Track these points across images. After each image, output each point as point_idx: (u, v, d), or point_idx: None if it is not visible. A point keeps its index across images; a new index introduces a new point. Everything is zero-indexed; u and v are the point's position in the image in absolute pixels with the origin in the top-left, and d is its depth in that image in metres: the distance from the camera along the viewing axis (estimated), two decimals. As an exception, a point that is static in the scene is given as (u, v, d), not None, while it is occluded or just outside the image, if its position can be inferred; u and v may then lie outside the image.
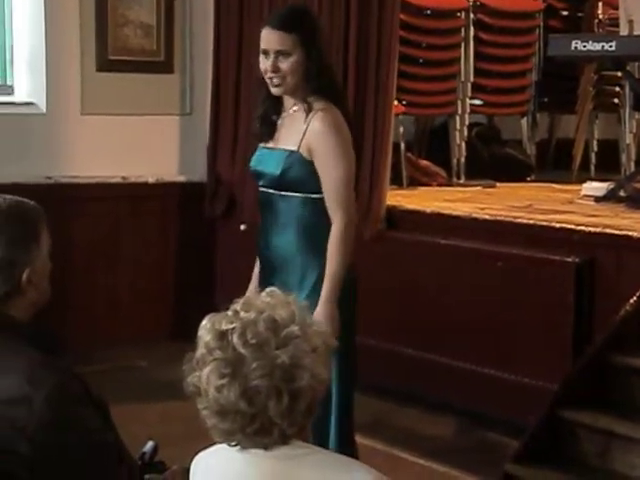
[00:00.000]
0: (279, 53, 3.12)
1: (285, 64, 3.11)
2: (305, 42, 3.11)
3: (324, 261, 3.15)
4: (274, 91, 3.18)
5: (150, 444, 2.19)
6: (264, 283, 3.14)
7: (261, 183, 3.29)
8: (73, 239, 5.53)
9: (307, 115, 3.14)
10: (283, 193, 3.21)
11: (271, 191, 3.23)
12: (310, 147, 3.13)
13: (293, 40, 3.10)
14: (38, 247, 2.05)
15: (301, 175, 3.15)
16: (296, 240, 3.20)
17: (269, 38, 3.14)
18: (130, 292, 5.77)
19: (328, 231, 3.16)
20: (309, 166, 3.15)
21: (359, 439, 4.20)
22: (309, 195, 3.18)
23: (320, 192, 3.17)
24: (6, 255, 2.01)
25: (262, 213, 3.34)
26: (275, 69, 3.12)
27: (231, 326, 1.66)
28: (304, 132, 3.14)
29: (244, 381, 1.63)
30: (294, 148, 3.16)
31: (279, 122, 3.25)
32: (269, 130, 3.26)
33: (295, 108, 3.19)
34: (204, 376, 1.66)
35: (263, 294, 1.74)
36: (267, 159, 3.25)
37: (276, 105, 3.25)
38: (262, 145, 3.31)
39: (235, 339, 1.65)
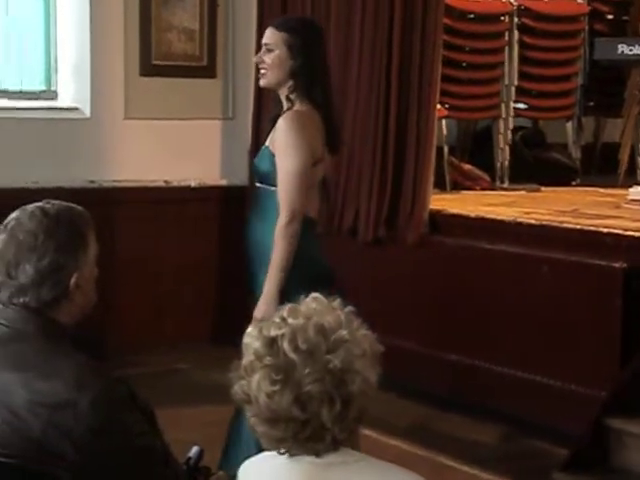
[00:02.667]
0: (265, 47, 3.38)
1: (267, 57, 3.35)
2: (292, 43, 3.32)
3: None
4: (260, 82, 3.44)
5: (195, 449, 2.17)
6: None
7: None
8: (115, 243, 5.55)
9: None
10: (261, 185, 3.40)
11: (257, 184, 3.44)
12: (273, 141, 3.32)
13: (280, 38, 3.34)
14: (86, 252, 2.05)
15: (268, 168, 3.33)
16: (267, 232, 3.29)
17: (265, 33, 3.43)
18: (172, 295, 5.78)
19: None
20: (274, 159, 3.32)
21: (402, 444, 4.17)
22: (275, 188, 3.33)
23: None
24: (55, 260, 2.01)
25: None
26: (259, 60, 3.40)
27: (280, 332, 1.66)
28: (276, 128, 3.34)
29: (297, 387, 1.63)
30: (267, 143, 3.37)
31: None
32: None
33: (285, 109, 3.37)
34: (254, 383, 1.65)
35: (308, 300, 1.73)
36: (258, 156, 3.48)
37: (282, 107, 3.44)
38: None
39: (285, 345, 1.64)
